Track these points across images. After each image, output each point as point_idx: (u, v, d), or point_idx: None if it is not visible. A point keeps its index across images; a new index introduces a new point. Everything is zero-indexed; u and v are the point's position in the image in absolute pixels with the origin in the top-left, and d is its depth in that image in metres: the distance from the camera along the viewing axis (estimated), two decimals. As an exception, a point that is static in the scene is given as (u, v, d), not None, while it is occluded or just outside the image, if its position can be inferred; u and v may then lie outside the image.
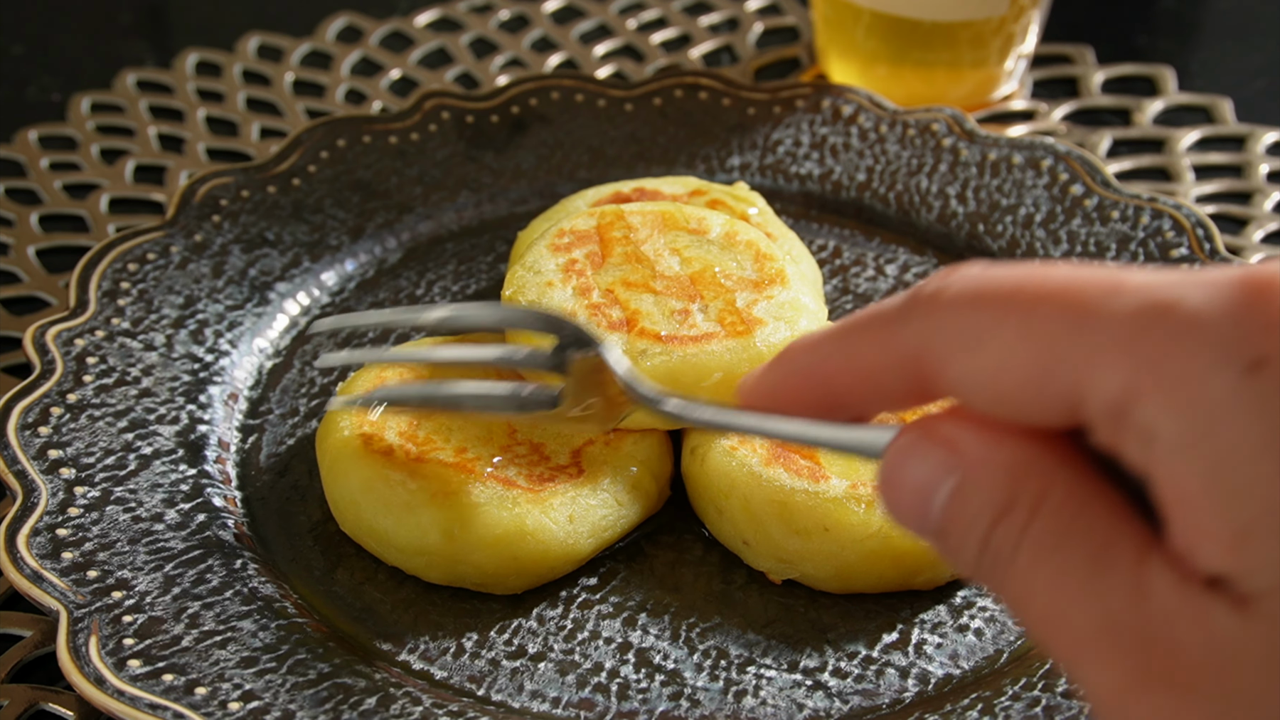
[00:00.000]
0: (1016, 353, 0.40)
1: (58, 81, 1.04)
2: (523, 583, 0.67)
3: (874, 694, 0.64)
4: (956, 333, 0.41)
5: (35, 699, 0.64)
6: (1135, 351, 0.38)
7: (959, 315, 0.41)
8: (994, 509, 0.40)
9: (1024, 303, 0.40)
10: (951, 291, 0.41)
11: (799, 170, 0.91)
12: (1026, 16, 0.96)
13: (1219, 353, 0.37)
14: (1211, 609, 0.37)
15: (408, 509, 0.66)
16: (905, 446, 0.42)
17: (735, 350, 0.69)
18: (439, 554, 0.66)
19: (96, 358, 0.75)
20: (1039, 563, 0.39)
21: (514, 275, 0.73)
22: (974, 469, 0.41)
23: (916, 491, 0.42)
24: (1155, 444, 0.37)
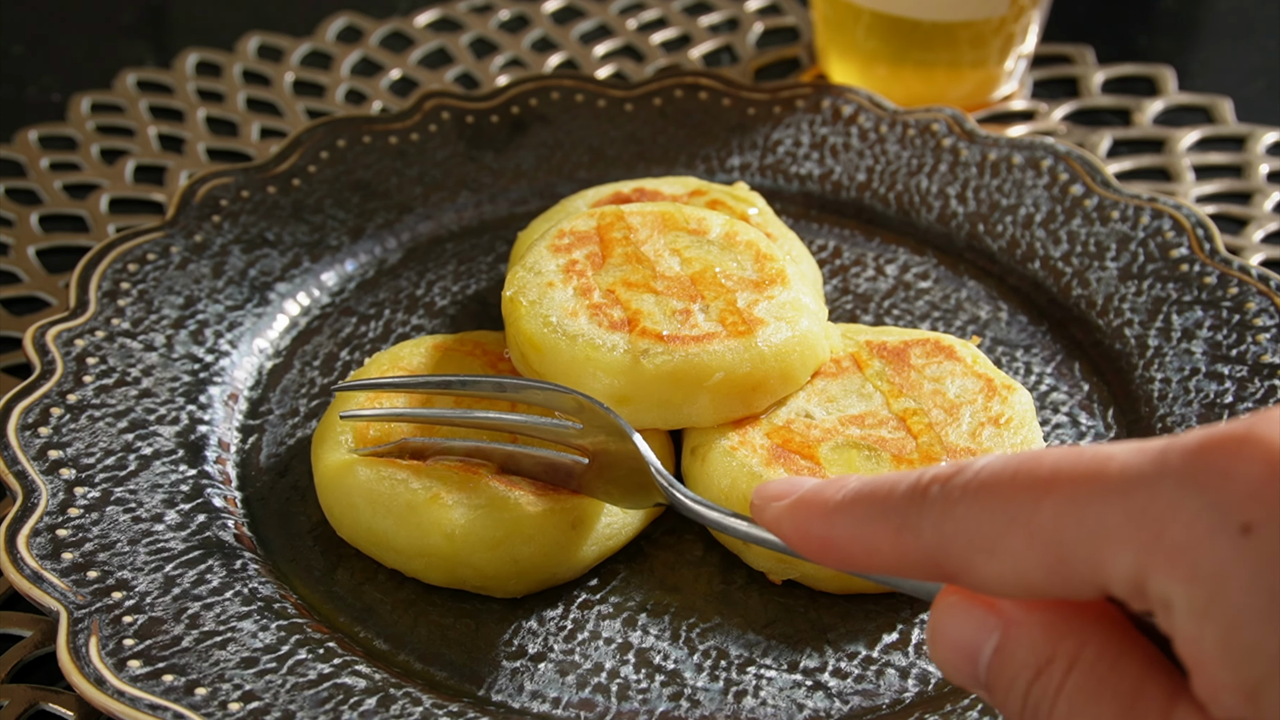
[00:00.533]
0: (1031, 555, 0.43)
1: (58, 81, 1.04)
2: (523, 586, 0.67)
3: (874, 694, 0.64)
4: (969, 537, 0.44)
5: (35, 699, 0.65)
6: (1138, 531, 0.41)
7: (970, 524, 0.44)
8: (1033, 667, 0.44)
9: (1025, 504, 0.43)
10: (958, 499, 0.44)
11: (799, 170, 0.91)
12: (1026, 16, 0.96)
13: (1212, 518, 0.40)
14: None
15: (409, 509, 0.66)
16: (951, 607, 0.46)
17: (737, 350, 0.69)
18: (439, 556, 0.66)
19: (96, 358, 0.75)
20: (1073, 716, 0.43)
21: (514, 276, 0.73)
22: (1013, 628, 0.45)
23: (963, 650, 0.46)
24: (1172, 612, 0.40)
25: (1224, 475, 0.40)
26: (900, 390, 0.71)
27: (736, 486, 0.68)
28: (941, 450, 0.68)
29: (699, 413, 0.69)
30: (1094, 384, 0.79)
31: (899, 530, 0.46)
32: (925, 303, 0.84)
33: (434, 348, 0.75)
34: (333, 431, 0.70)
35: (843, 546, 0.48)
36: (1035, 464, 0.43)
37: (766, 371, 0.69)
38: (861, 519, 0.47)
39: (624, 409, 0.69)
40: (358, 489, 0.67)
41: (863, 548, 0.47)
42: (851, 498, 0.47)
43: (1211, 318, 0.79)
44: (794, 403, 0.71)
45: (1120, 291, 0.82)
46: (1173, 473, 0.41)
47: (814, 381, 0.72)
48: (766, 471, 0.67)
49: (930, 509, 0.45)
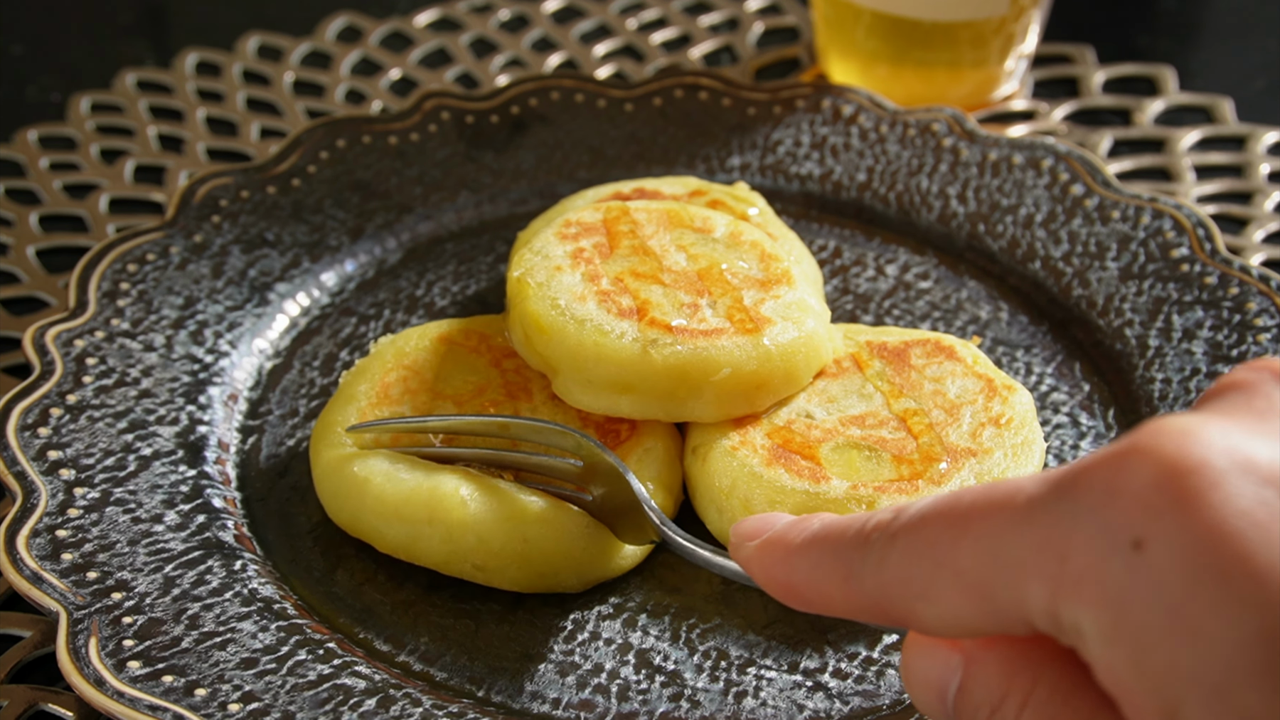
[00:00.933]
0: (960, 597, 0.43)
1: (58, 81, 1.04)
2: (526, 576, 0.66)
3: (874, 695, 0.64)
4: (906, 589, 0.44)
5: (35, 699, 0.64)
6: (1044, 561, 0.40)
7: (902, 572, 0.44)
8: (989, 705, 0.45)
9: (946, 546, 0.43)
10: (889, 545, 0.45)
11: (799, 170, 0.91)
12: (1027, 16, 0.96)
13: (1106, 540, 0.39)
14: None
15: (426, 477, 0.66)
16: (915, 646, 0.47)
17: (744, 347, 0.69)
18: (447, 524, 0.65)
19: (96, 358, 0.75)
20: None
21: (521, 258, 0.72)
22: (971, 665, 0.45)
23: (931, 688, 0.47)
24: (1085, 639, 0.40)
25: (1111, 492, 0.39)
26: (901, 390, 0.71)
27: (737, 486, 0.67)
28: (942, 450, 0.68)
29: (702, 408, 0.69)
30: (1094, 384, 0.79)
31: (846, 579, 0.46)
32: (925, 303, 0.84)
33: (439, 340, 0.74)
34: (337, 428, 0.70)
35: (800, 592, 0.48)
36: (954, 503, 0.43)
37: (772, 370, 0.69)
38: (814, 564, 0.48)
39: (627, 398, 0.69)
40: (366, 468, 0.67)
41: (817, 593, 0.48)
42: (807, 541, 0.48)
43: (1212, 318, 0.79)
44: (795, 403, 0.71)
45: (1121, 292, 0.82)
46: (1067, 497, 0.40)
47: (815, 381, 0.72)
48: (767, 472, 0.67)
49: (869, 556, 0.45)
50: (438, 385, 0.72)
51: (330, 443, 0.70)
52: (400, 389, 0.72)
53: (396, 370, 0.73)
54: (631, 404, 0.69)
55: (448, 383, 0.72)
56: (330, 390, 0.78)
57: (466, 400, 0.71)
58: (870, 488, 0.66)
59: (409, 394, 0.71)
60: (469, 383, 0.72)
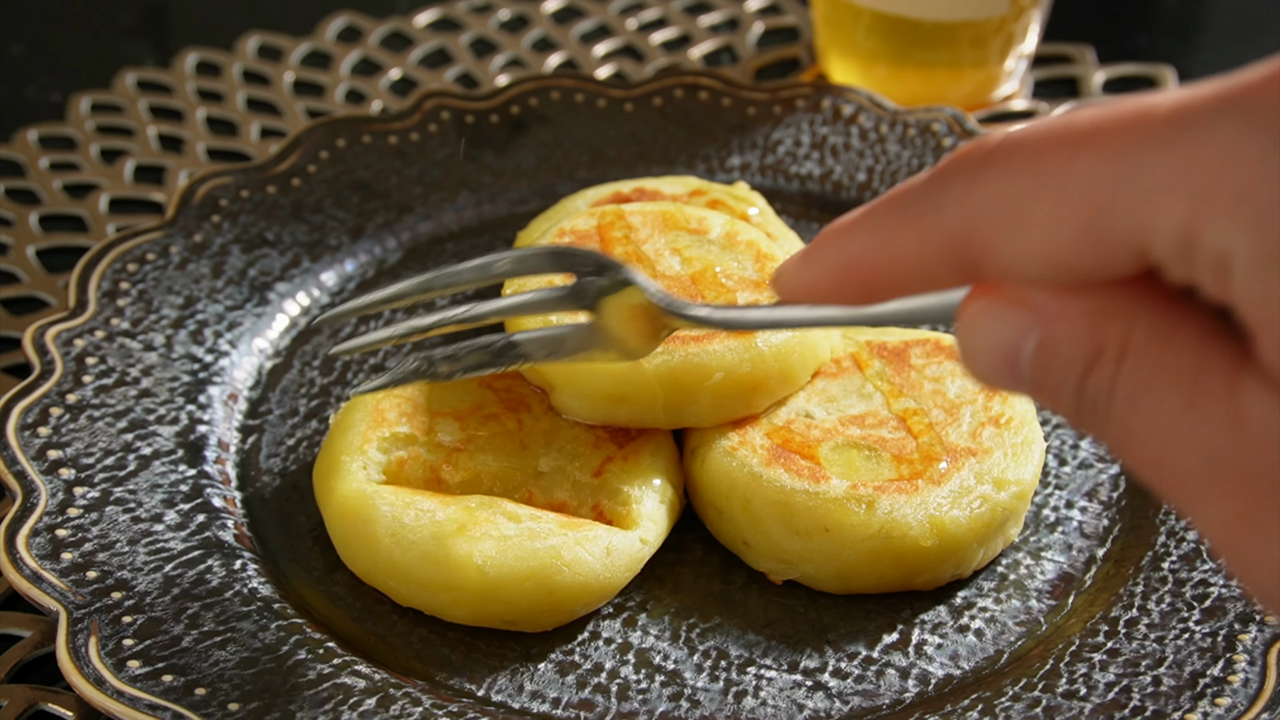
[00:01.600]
0: (1063, 217, 0.38)
1: (58, 81, 1.04)
2: (554, 620, 0.65)
3: (874, 694, 0.64)
4: (996, 210, 0.39)
5: (35, 699, 0.64)
6: (1191, 178, 0.35)
7: (995, 190, 0.39)
8: (1082, 360, 0.39)
9: (1059, 162, 0.38)
10: (977, 158, 0.39)
11: (799, 170, 0.91)
12: (1027, 16, 0.96)
13: (1276, 155, 0.34)
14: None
15: (435, 541, 0.64)
16: (979, 312, 0.41)
17: (737, 350, 0.69)
18: (467, 590, 0.64)
19: (96, 358, 0.75)
20: (1134, 406, 0.38)
21: (514, 275, 0.73)
22: (1053, 323, 0.40)
23: (1001, 354, 0.41)
24: (1232, 268, 0.35)
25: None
26: (900, 390, 0.71)
27: (736, 487, 0.67)
28: (942, 450, 0.68)
29: (699, 413, 0.69)
30: (1094, 384, 0.79)
31: (919, 218, 0.41)
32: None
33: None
34: (342, 458, 0.68)
35: (864, 262, 0.42)
36: (1072, 119, 0.38)
37: (767, 371, 0.69)
38: (880, 222, 0.42)
39: (623, 408, 0.69)
40: (379, 520, 0.65)
41: (884, 255, 0.42)
42: (869, 207, 0.43)
43: (1212, 318, 0.79)
44: (794, 403, 0.71)
45: (1121, 291, 0.82)
46: (1233, 109, 0.35)
47: (814, 381, 0.72)
48: (766, 472, 0.67)
49: (953, 183, 0.40)
50: (433, 407, 0.71)
51: (338, 476, 0.68)
52: (396, 413, 0.70)
53: (389, 398, 0.71)
54: (629, 413, 0.69)
55: (442, 403, 0.71)
56: (331, 390, 0.78)
57: (466, 415, 0.71)
58: (870, 487, 0.66)
59: (405, 416, 0.70)
60: (463, 401, 0.71)
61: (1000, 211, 0.39)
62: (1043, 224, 0.38)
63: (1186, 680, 0.63)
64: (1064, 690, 0.63)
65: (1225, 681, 0.63)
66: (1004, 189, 0.39)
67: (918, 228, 0.41)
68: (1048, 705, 0.62)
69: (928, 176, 0.41)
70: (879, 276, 0.43)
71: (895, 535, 0.66)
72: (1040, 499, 0.73)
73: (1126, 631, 0.66)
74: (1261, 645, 0.64)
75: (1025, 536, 0.71)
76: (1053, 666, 0.64)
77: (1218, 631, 0.65)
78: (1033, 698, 0.63)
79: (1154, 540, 0.69)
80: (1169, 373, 0.38)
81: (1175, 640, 0.65)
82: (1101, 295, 0.39)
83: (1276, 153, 0.34)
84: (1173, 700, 0.62)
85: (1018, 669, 0.65)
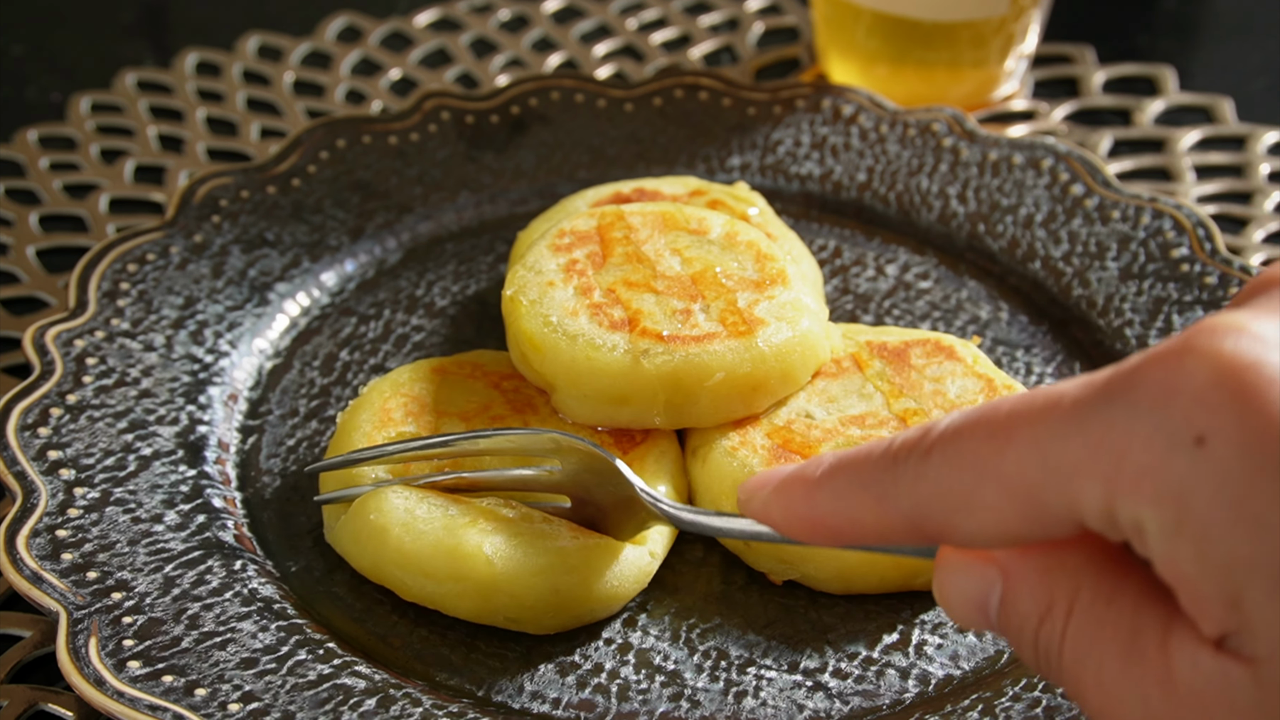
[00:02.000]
0: (1004, 505, 0.43)
1: (58, 81, 1.04)
2: (558, 621, 0.65)
3: (874, 695, 0.64)
4: (946, 501, 0.44)
5: (35, 699, 0.64)
6: (1100, 462, 0.41)
7: (942, 482, 0.44)
8: (1036, 615, 0.45)
9: (991, 453, 0.43)
10: (927, 455, 0.45)
11: (799, 170, 0.91)
12: (1027, 16, 0.96)
13: (1166, 437, 0.40)
14: (1228, 672, 0.40)
15: (447, 531, 0.64)
16: (952, 568, 0.47)
17: (737, 350, 0.69)
18: (475, 581, 0.64)
19: (96, 358, 0.75)
20: (1082, 661, 0.44)
21: (515, 275, 0.73)
22: (1011, 579, 0.45)
23: (973, 604, 0.47)
24: (1145, 535, 0.41)
25: (1169, 391, 0.40)
26: (901, 390, 0.71)
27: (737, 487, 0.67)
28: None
29: (700, 413, 0.69)
30: (1094, 384, 0.79)
31: (879, 500, 0.46)
32: (925, 303, 0.84)
33: (432, 371, 0.73)
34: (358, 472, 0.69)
35: (828, 523, 0.48)
36: (993, 412, 0.43)
37: (767, 372, 0.69)
38: (841, 492, 0.47)
39: (624, 409, 0.69)
40: (391, 511, 0.65)
41: (847, 521, 0.47)
42: (829, 472, 0.48)
43: (1212, 318, 0.79)
44: (795, 403, 0.71)
45: (1121, 291, 0.82)
46: (1120, 397, 0.41)
47: (814, 382, 0.72)
48: (767, 472, 0.67)
49: (903, 474, 0.45)
50: (439, 407, 0.71)
51: (341, 480, 0.69)
52: (402, 413, 0.70)
53: (395, 398, 0.71)
54: (630, 415, 0.69)
55: (450, 404, 0.71)
56: (331, 390, 0.78)
57: (473, 416, 0.71)
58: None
59: (411, 416, 0.70)
60: (472, 402, 0.72)
61: (949, 502, 0.44)
62: (988, 510, 0.44)
63: (1187, 680, 0.63)
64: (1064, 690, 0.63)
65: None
66: (950, 483, 0.44)
67: (878, 510, 0.46)
68: (1048, 705, 0.62)
69: (881, 458, 0.46)
70: (845, 535, 0.48)
71: (895, 535, 0.65)
72: (1040, 499, 0.73)
73: (1127, 632, 0.66)
74: (1262, 645, 0.64)
75: (1025, 537, 0.71)
76: (1053, 667, 0.64)
77: (1218, 632, 0.65)
78: (1033, 698, 0.63)
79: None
80: (1110, 630, 0.43)
81: (1175, 640, 0.65)
82: (1054, 553, 0.45)
83: (1162, 433, 0.40)
84: (1173, 700, 0.62)
85: (1018, 669, 0.65)
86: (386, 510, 0.65)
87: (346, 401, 0.77)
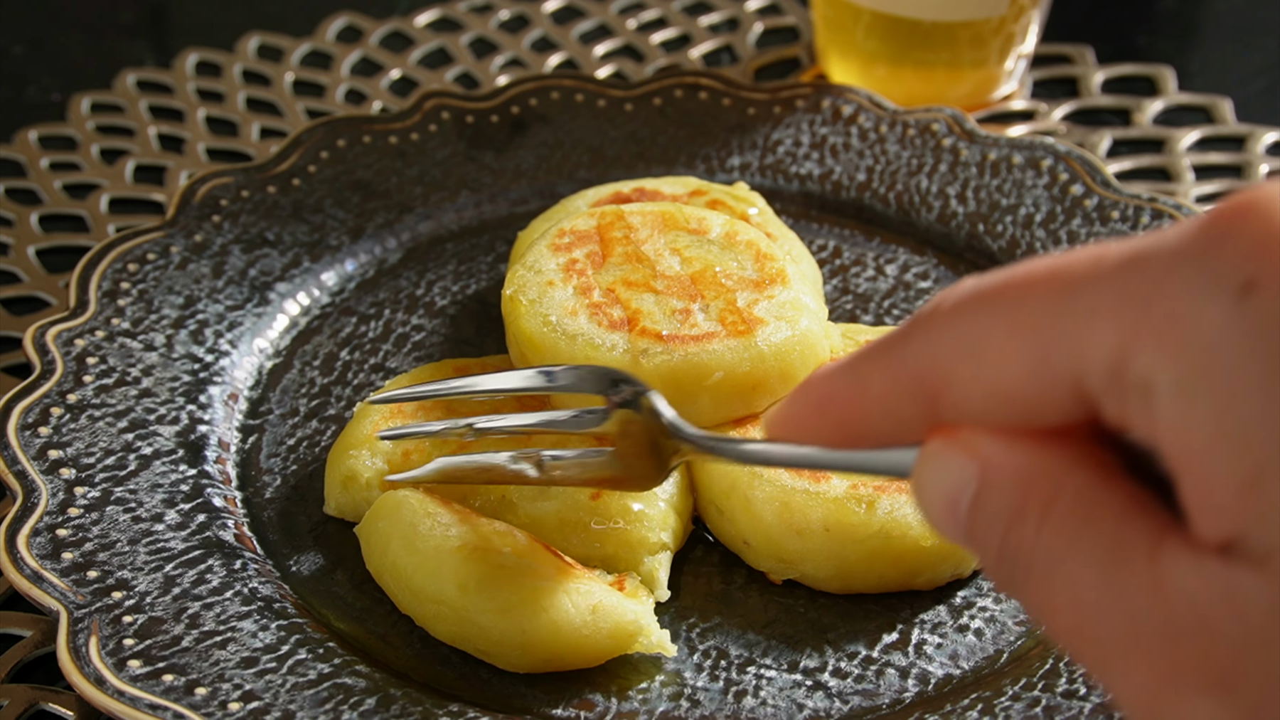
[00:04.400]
0: (1011, 349, 0.39)
1: (58, 81, 1.04)
2: (528, 662, 0.64)
3: (874, 694, 0.64)
4: (954, 344, 0.41)
5: (35, 699, 0.64)
6: (1123, 306, 0.36)
7: (954, 326, 0.41)
8: (1006, 515, 0.40)
9: (1011, 298, 0.39)
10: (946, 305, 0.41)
11: (799, 170, 0.91)
12: (1026, 16, 0.96)
13: (1207, 282, 0.35)
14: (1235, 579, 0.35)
15: (435, 551, 0.64)
16: (931, 455, 0.42)
17: (736, 349, 0.69)
18: (449, 606, 0.63)
19: (96, 358, 0.75)
20: (1053, 569, 0.39)
21: (514, 274, 0.73)
22: (989, 472, 0.40)
23: (945, 499, 0.42)
24: (1155, 396, 0.36)
25: (1222, 239, 0.35)
26: (900, 390, 0.71)
27: (737, 486, 0.67)
28: (941, 450, 0.68)
29: (699, 413, 0.69)
30: (1094, 384, 0.79)
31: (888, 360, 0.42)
32: (925, 302, 0.84)
33: (455, 370, 0.74)
34: (349, 453, 0.69)
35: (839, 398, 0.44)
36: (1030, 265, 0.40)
37: (766, 371, 0.69)
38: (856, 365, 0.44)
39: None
40: (397, 523, 0.65)
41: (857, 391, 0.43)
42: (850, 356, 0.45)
43: (1211, 318, 0.79)
44: (794, 402, 0.71)
45: (1120, 291, 0.82)
46: (1168, 248, 0.36)
47: (814, 381, 0.72)
48: (767, 472, 0.67)
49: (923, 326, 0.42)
50: (452, 405, 0.71)
51: (350, 464, 0.70)
52: (414, 405, 0.71)
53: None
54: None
55: (463, 403, 0.71)
56: (331, 390, 0.78)
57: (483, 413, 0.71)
58: (870, 487, 0.66)
59: (422, 410, 0.71)
60: (483, 404, 0.71)
61: (958, 348, 0.40)
62: (993, 356, 0.39)
63: (1186, 680, 0.63)
64: (1064, 690, 0.63)
65: (1225, 681, 0.63)
66: (961, 326, 0.40)
67: (887, 368, 0.43)
68: (1047, 705, 0.63)
69: (902, 326, 0.43)
70: (852, 413, 0.44)
71: (895, 535, 0.66)
72: (1040, 499, 0.73)
73: (1126, 631, 0.65)
74: (1261, 645, 0.64)
75: (1025, 536, 0.71)
76: (1052, 666, 0.64)
77: (1217, 631, 0.65)
78: (1032, 697, 0.63)
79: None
80: (1090, 537, 0.38)
81: (1175, 640, 0.65)
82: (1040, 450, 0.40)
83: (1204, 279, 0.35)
84: (1172, 700, 0.62)
85: (1017, 669, 0.65)
86: (394, 520, 0.65)
87: (347, 400, 0.78)
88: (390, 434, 0.67)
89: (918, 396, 0.42)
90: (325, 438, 0.75)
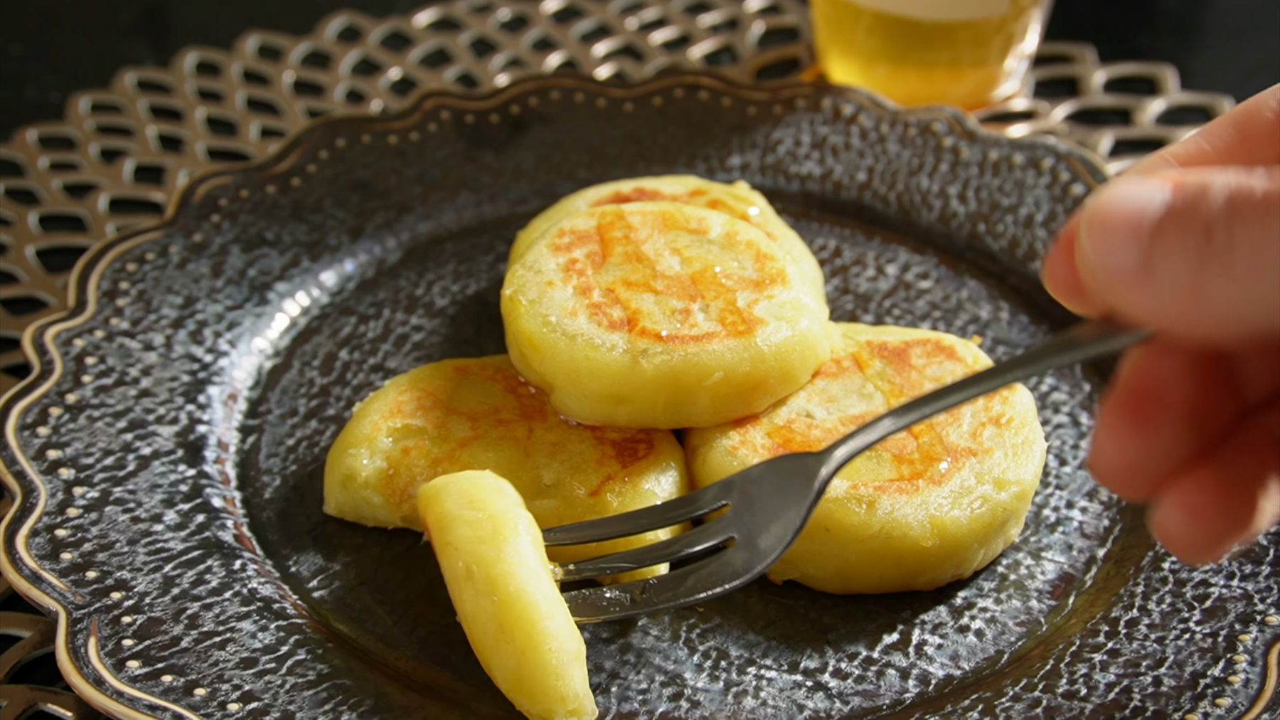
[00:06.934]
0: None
1: (58, 81, 1.04)
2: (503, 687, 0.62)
3: (874, 695, 0.64)
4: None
5: (34, 699, 0.64)
6: None
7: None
8: (1227, 190, 0.41)
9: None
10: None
11: (799, 170, 0.91)
12: (1027, 16, 0.96)
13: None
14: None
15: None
16: (1123, 181, 0.43)
17: (736, 349, 0.69)
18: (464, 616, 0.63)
19: (95, 358, 0.75)
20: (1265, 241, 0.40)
21: (514, 274, 0.73)
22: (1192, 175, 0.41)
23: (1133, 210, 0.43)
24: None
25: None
26: (901, 390, 0.71)
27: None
28: (942, 450, 0.68)
29: (699, 412, 0.69)
30: (1094, 384, 0.78)
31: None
32: (926, 302, 0.84)
33: (455, 370, 0.74)
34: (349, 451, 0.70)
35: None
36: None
37: (766, 371, 0.69)
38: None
39: (623, 409, 0.69)
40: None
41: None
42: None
43: (1212, 317, 0.79)
44: (795, 402, 0.71)
45: (1121, 291, 0.82)
46: None
47: (814, 381, 0.72)
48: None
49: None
50: (452, 404, 0.72)
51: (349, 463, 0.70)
52: (414, 405, 0.71)
53: (411, 392, 0.72)
54: (628, 414, 0.69)
55: (462, 403, 0.72)
56: (331, 390, 0.78)
57: (480, 417, 0.71)
58: (870, 487, 0.66)
59: (422, 409, 0.71)
60: (483, 403, 0.72)
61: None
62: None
63: (1187, 681, 0.63)
64: (1064, 690, 0.63)
65: (1226, 682, 0.63)
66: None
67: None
68: (1048, 705, 0.62)
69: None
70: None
71: (895, 535, 0.65)
72: (1041, 499, 0.73)
73: (1127, 632, 0.65)
74: (1262, 645, 0.64)
75: (1025, 537, 0.71)
76: (1053, 667, 0.64)
77: (1218, 632, 0.65)
78: (1033, 698, 0.63)
79: (1154, 540, 0.69)
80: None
81: (1176, 640, 0.65)
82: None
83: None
84: (1173, 700, 0.62)
85: (1018, 669, 0.65)
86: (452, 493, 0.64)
87: (347, 400, 0.77)
88: (558, 541, 0.65)
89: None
90: (325, 438, 0.75)
